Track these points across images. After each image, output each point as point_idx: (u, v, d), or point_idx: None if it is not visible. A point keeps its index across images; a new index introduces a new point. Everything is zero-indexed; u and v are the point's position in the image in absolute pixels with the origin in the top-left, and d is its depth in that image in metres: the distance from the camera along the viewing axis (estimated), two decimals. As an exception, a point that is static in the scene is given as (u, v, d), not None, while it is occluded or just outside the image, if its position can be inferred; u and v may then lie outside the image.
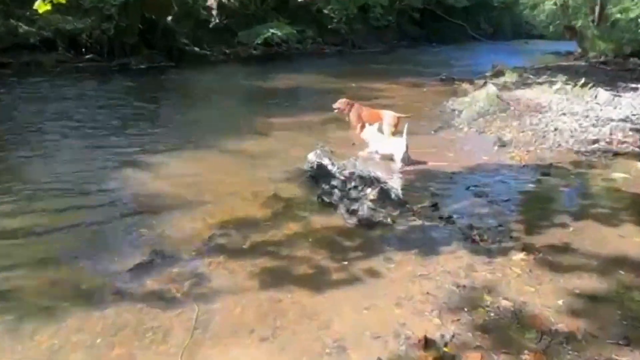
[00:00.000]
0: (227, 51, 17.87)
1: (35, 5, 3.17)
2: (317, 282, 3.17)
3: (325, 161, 5.15)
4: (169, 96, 10.87)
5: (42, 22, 13.86)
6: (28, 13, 14.05)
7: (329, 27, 22.01)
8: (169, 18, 16.37)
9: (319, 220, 4.10)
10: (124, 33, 14.20)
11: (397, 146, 5.64)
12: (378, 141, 5.90)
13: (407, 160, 5.59)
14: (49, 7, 3.29)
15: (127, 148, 6.22)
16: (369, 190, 4.59)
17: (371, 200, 4.31)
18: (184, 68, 14.52)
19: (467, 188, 4.92)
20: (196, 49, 17.07)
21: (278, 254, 3.53)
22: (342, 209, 4.18)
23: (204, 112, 9.17)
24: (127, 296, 2.97)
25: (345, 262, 3.40)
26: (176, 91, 11.53)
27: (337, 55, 20.95)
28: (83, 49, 14.22)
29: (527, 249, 3.59)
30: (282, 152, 6.13)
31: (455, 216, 4.18)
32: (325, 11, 22.01)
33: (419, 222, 4.06)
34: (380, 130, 6.16)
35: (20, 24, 13.69)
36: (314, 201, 4.50)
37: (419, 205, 4.39)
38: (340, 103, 7.32)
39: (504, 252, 3.56)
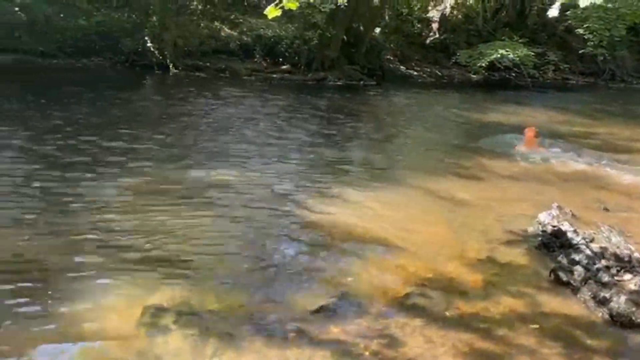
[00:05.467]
0: (439, 73, 18.42)
1: (266, 11, 3.79)
2: (543, 382, 3.03)
3: (565, 226, 4.91)
4: (366, 120, 11.69)
5: (245, 26, 16.48)
6: (232, 16, 16.94)
7: (580, 51, 20.87)
8: (377, 30, 17.72)
9: (551, 303, 3.93)
10: (327, 45, 15.78)
11: None
12: None
13: None
14: (279, 12, 3.86)
15: (311, 171, 7.00)
16: (628, 276, 4.21)
17: (631, 292, 3.93)
18: (387, 88, 15.45)
19: None
20: (402, 67, 18.05)
21: (491, 334, 3.47)
22: (585, 293, 3.92)
23: (405, 143, 9.60)
24: (309, 340, 3.28)
25: (587, 367, 3.17)
26: (375, 115, 12.36)
27: (586, 88, 19.77)
28: (280, 59, 16.24)
29: None
30: (502, 206, 6.03)
31: None
32: (580, 31, 20.92)
33: None
34: None
35: (223, 26, 16.54)
36: (545, 276, 4.32)
37: None
38: None
39: None
